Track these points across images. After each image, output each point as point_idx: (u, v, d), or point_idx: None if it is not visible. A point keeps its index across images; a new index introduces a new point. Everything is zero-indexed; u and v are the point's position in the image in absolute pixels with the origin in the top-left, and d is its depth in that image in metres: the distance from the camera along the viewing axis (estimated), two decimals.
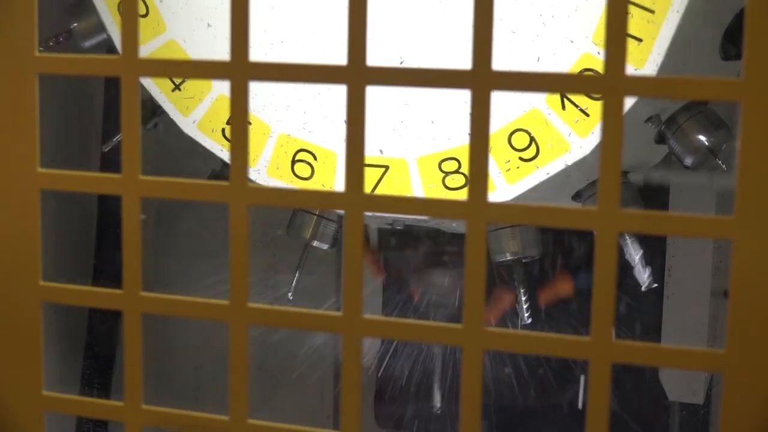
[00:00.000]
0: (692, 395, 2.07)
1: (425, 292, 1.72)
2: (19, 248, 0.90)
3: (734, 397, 0.75)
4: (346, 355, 0.81)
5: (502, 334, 0.78)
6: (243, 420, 0.84)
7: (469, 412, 0.79)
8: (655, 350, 0.77)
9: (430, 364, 1.83)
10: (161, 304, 0.86)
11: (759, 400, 0.75)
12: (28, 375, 0.92)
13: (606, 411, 0.76)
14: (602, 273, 0.76)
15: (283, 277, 2.59)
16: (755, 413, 0.75)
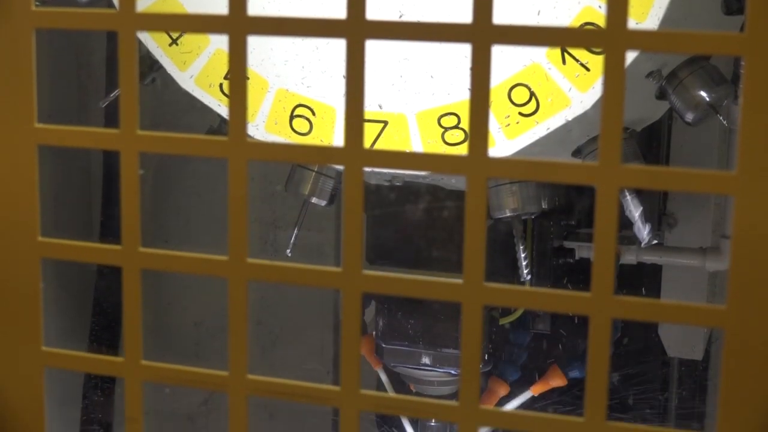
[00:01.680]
0: (691, 351, 2.07)
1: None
2: (18, 204, 0.90)
3: (735, 353, 0.75)
4: (346, 311, 0.81)
5: (501, 289, 0.78)
6: (242, 375, 0.84)
7: (469, 365, 0.79)
8: (656, 306, 0.77)
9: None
10: (160, 260, 0.86)
11: (760, 355, 0.75)
12: (28, 331, 0.92)
13: (606, 366, 0.76)
14: (603, 229, 0.75)
15: (282, 233, 2.59)
16: (756, 368, 0.75)
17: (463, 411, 0.79)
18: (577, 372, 1.88)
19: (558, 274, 1.87)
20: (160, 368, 0.87)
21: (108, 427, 2.68)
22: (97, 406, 2.67)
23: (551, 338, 1.94)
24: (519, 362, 1.89)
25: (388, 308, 1.70)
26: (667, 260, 1.93)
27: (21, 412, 0.94)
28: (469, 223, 0.78)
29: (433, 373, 1.73)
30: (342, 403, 0.82)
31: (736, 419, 0.76)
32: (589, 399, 0.77)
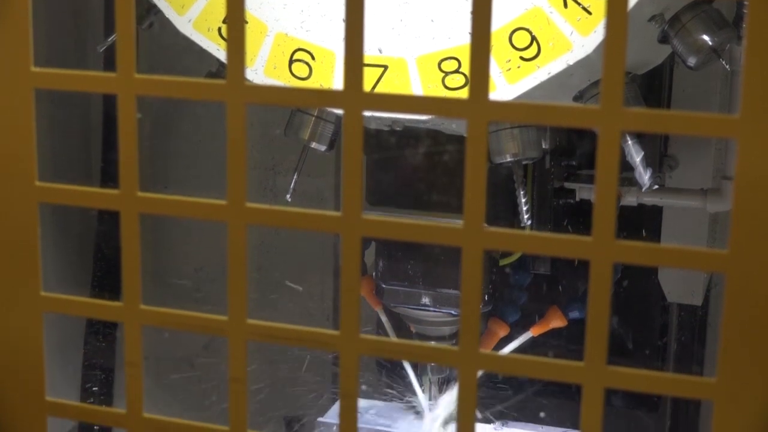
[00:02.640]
0: (691, 297, 2.07)
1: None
2: (15, 149, 0.89)
3: (736, 298, 0.75)
4: (345, 255, 0.81)
5: (502, 234, 0.78)
6: (242, 320, 0.84)
7: (469, 311, 0.79)
8: (657, 250, 0.76)
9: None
10: (159, 204, 0.86)
11: (761, 300, 0.74)
12: (26, 277, 0.91)
13: (607, 311, 0.76)
14: (604, 174, 0.75)
15: (282, 179, 2.59)
16: (757, 313, 0.75)
17: (462, 356, 0.79)
18: (577, 313, 1.88)
19: (558, 215, 1.87)
20: (159, 312, 0.87)
21: (109, 372, 2.69)
22: (99, 351, 2.68)
23: (551, 279, 1.94)
24: (519, 303, 1.89)
25: (388, 249, 1.70)
26: (667, 201, 1.93)
27: (20, 358, 0.94)
28: (470, 167, 0.77)
29: (433, 314, 1.73)
30: (341, 348, 0.82)
31: (736, 364, 0.76)
32: (589, 344, 0.77)
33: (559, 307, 1.88)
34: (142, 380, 0.90)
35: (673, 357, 2.45)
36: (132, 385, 0.90)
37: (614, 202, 0.75)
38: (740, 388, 0.76)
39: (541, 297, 1.95)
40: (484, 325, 1.86)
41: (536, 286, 1.94)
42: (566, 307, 1.88)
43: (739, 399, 0.76)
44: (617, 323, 2.31)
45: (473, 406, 0.81)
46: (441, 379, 1.86)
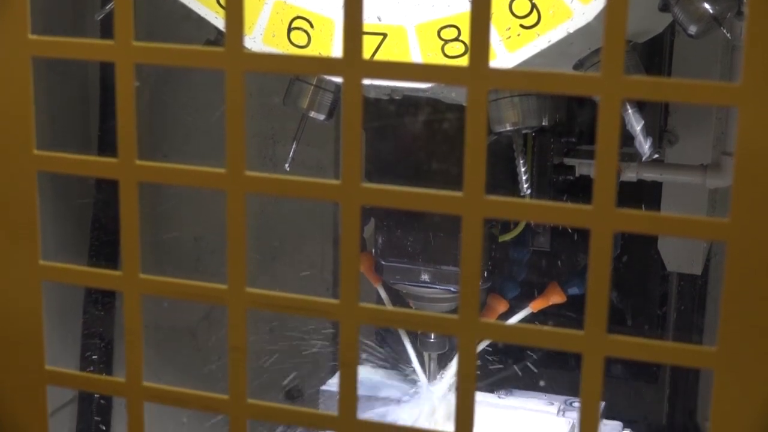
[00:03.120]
0: (691, 266, 2.07)
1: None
2: (12, 118, 0.89)
3: (737, 266, 0.75)
4: (345, 224, 0.80)
5: (502, 202, 0.77)
6: (241, 288, 0.84)
7: (469, 278, 0.79)
8: (658, 219, 0.76)
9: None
10: (157, 173, 0.85)
11: (762, 268, 0.74)
12: (25, 245, 0.91)
13: (607, 279, 0.76)
14: (605, 140, 0.74)
15: (281, 148, 2.58)
16: (757, 282, 0.75)
17: (462, 324, 0.79)
18: (576, 289, 1.88)
19: (558, 191, 1.86)
20: (158, 282, 0.87)
21: (109, 341, 2.70)
22: (98, 320, 2.69)
23: (551, 256, 1.94)
24: (518, 279, 1.89)
25: (388, 225, 1.70)
26: (667, 177, 1.93)
27: (19, 327, 0.94)
28: (470, 136, 0.77)
29: (432, 290, 1.73)
30: (341, 316, 0.82)
31: (737, 333, 0.76)
32: (589, 312, 0.77)
33: (558, 283, 1.88)
34: (141, 349, 0.90)
35: (673, 326, 2.45)
36: (131, 354, 0.90)
37: (615, 170, 0.74)
38: (741, 357, 0.76)
39: (540, 273, 1.95)
40: (483, 301, 1.86)
41: (535, 263, 1.94)
42: (565, 283, 1.88)
43: (739, 368, 0.76)
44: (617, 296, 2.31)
45: (473, 375, 0.81)
46: (440, 355, 1.87)
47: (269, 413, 0.88)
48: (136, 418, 0.91)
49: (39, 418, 0.96)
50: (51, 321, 2.53)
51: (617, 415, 1.87)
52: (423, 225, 1.68)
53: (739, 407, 0.77)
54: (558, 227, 1.89)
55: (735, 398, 0.77)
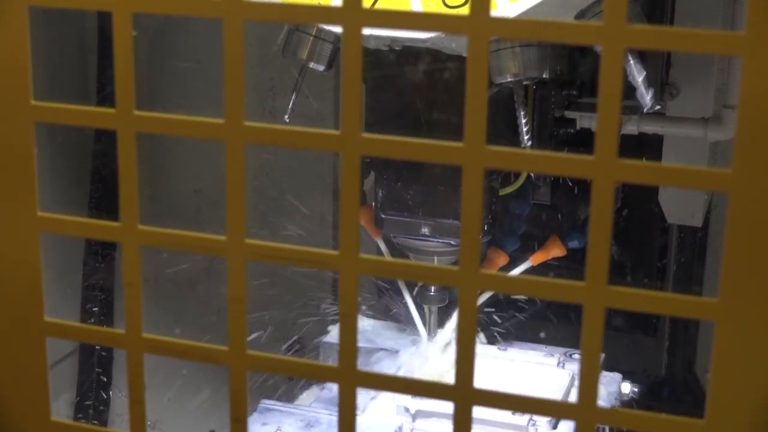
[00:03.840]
0: (691, 218, 2.07)
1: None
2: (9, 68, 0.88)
3: (739, 218, 0.74)
4: (345, 174, 0.80)
5: (503, 152, 0.77)
6: (240, 240, 0.84)
7: (470, 228, 0.78)
8: (660, 170, 0.75)
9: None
10: (155, 123, 0.85)
11: (763, 219, 0.74)
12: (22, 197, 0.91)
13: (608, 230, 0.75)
14: (607, 90, 0.74)
15: (281, 100, 2.57)
16: (759, 233, 0.74)
17: (463, 275, 0.79)
18: (577, 242, 1.88)
19: (559, 144, 1.85)
20: (156, 233, 0.86)
21: (109, 293, 2.70)
22: (98, 272, 2.69)
23: (551, 209, 1.93)
24: (518, 233, 1.89)
25: (388, 178, 1.69)
26: (668, 130, 1.92)
27: (18, 279, 0.93)
28: (471, 86, 0.76)
29: (432, 244, 1.72)
30: (341, 267, 0.82)
31: (738, 285, 0.75)
32: (590, 263, 0.76)
33: (558, 237, 1.87)
34: (141, 301, 0.89)
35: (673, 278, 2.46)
36: (131, 306, 0.89)
37: (617, 119, 0.74)
38: (742, 308, 0.75)
39: (540, 226, 1.95)
40: (483, 255, 1.85)
41: (536, 216, 1.94)
42: (566, 237, 1.87)
43: (740, 320, 0.75)
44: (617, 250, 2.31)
45: (473, 327, 0.81)
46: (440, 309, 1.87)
47: (269, 365, 0.88)
48: (136, 369, 0.91)
49: (39, 370, 0.96)
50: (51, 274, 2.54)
51: (616, 367, 1.88)
52: (423, 178, 1.67)
53: (739, 359, 0.76)
54: (558, 181, 1.89)
55: (736, 350, 0.77)
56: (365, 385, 0.86)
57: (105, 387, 2.73)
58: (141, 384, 0.92)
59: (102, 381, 2.72)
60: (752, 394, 0.77)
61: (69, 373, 2.71)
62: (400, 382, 0.87)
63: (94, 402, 2.72)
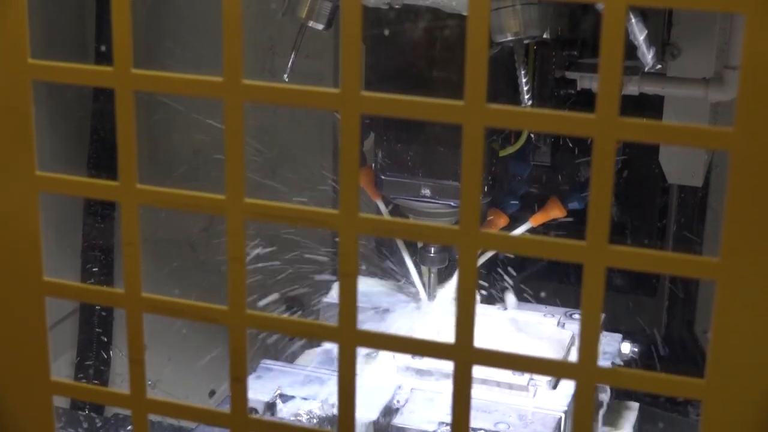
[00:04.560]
0: (691, 178, 2.06)
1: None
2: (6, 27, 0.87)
3: (740, 177, 0.74)
4: (344, 133, 0.79)
5: (503, 111, 0.76)
6: (240, 198, 0.83)
7: (470, 187, 0.78)
8: (662, 128, 0.75)
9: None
10: (154, 81, 0.84)
11: (765, 178, 0.73)
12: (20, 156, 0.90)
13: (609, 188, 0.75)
14: (609, 49, 0.73)
15: (280, 59, 2.56)
16: (761, 192, 0.74)
17: (463, 234, 0.78)
18: (577, 203, 1.87)
19: (559, 105, 1.84)
20: (155, 192, 0.86)
21: (108, 252, 2.70)
22: (97, 232, 2.69)
23: (551, 170, 1.93)
24: (518, 194, 1.88)
25: (387, 139, 1.68)
26: (669, 91, 1.91)
27: (17, 238, 0.93)
28: (471, 43, 0.75)
29: (432, 205, 1.72)
30: (340, 226, 0.81)
31: (739, 244, 0.75)
32: (591, 222, 0.76)
33: (558, 198, 1.87)
34: (139, 260, 0.89)
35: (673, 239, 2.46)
36: (130, 265, 0.89)
37: (619, 77, 0.73)
38: (743, 268, 0.75)
39: (540, 188, 1.94)
40: (483, 216, 1.85)
41: (536, 177, 1.93)
42: (566, 198, 1.87)
43: (741, 279, 0.75)
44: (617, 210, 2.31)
45: (473, 286, 0.81)
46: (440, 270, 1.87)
47: (268, 323, 0.88)
48: (136, 329, 0.91)
49: (39, 329, 0.96)
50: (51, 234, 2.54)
51: (616, 328, 1.88)
52: (423, 139, 1.66)
53: (740, 318, 0.76)
54: (559, 142, 1.88)
55: (736, 309, 0.76)
56: (365, 344, 0.85)
57: (105, 347, 2.73)
58: (140, 343, 0.92)
59: (102, 341, 2.73)
60: (753, 353, 0.77)
61: (70, 333, 2.72)
62: (401, 342, 0.87)
63: (94, 362, 2.73)
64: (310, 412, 1.56)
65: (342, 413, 0.87)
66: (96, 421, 2.46)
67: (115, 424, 2.42)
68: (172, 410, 0.94)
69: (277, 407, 1.57)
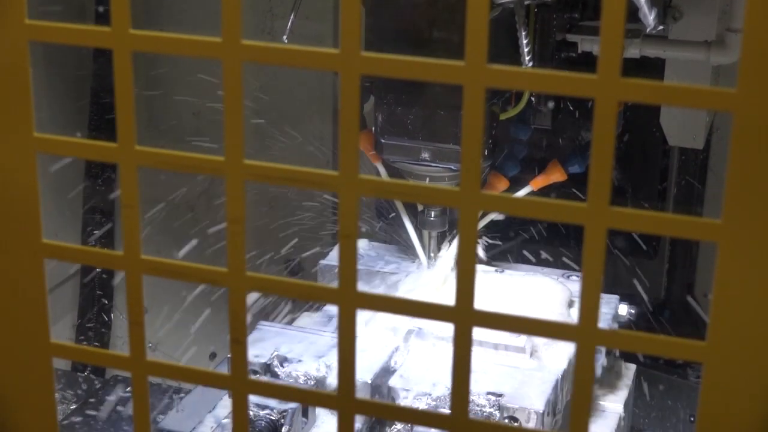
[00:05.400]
0: (692, 140, 2.06)
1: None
2: None
3: (743, 138, 0.73)
4: (344, 94, 0.79)
5: (504, 71, 0.76)
6: (239, 160, 0.83)
7: (471, 149, 0.77)
8: (664, 88, 0.74)
9: None
10: (152, 42, 0.83)
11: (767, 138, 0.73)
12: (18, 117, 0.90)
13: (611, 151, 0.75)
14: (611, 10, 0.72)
15: (280, 22, 2.54)
16: (763, 153, 0.74)
17: (464, 195, 0.78)
18: (577, 167, 1.87)
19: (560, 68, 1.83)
20: (154, 153, 0.86)
21: (109, 215, 2.70)
22: (98, 195, 2.68)
23: (552, 134, 1.92)
24: (519, 157, 1.88)
25: (387, 102, 1.68)
26: (670, 54, 1.90)
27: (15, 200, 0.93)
28: (472, 2, 0.75)
29: (432, 168, 1.71)
30: (340, 188, 0.81)
31: (742, 205, 0.75)
32: (592, 184, 0.76)
33: (559, 161, 1.86)
34: (138, 221, 0.89)
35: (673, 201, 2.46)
36: (129, 227, 0.89)
37: (621, 36, 0.72)
38: (745, 229, 0.75)
39: (541, 151, 1.94)
40: (483, 179, 1.84)
41: (537, 141, 1.92)
42: (566, 161, 1.86)
43: (744, 241, 0.75)
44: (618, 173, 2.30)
45: (474, 248, 0.80)
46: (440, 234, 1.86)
47: (268, 285, 0.88)
48: (135, 291, 0.91)
49: (38, 292, 0.95)
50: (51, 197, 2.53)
51: (615, 290, 1.88)
52: (424, 102, 1.66)
53: (742, 280, 0.76)
54: (559, 105, 1.87)
55: (738, 271, 0.76)
56: (365, 306, 0.85)
57: (106, 309, 2.74)
58: (140, 306, 0.91)
59: (103, 303, 2.73)
60: (755, 314, 0.76)
61: (71, 296, 2.72)
62: (401, 304, 0.87)
63: (95, 324, 2.73)
64: (307, 373, 1.56)
65: (341, 375, 0.87)
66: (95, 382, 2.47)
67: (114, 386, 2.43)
68: (172, 372, 0.94)
69: (275, 369, 1.58)
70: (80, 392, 2.45)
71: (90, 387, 2.46)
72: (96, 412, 2.30)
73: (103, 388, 2.42)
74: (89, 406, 2.34)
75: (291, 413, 1.45)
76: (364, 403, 1.01)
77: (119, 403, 2.28)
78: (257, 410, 1.46)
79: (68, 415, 2.33)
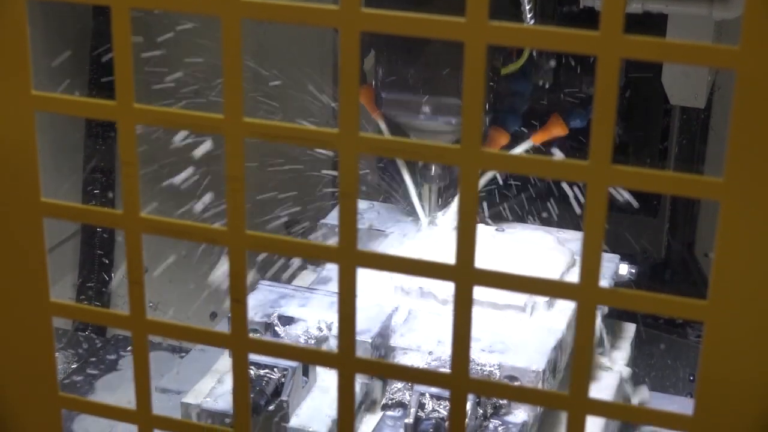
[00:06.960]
0: (694, 99, 2.05)
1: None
2: None
3: (745, 96, 0.73)
4: (344, 51, 0.78)
5: (506, 28, 0.75)
6: (238, 118, 0.82)
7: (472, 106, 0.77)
8: (667, 45, 0.74)
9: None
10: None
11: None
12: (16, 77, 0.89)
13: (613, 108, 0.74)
14: None
15: None
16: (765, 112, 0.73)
17: (464, 153, 0.78)
18: (578, 121, 1.86)
19: (561, 23, 1.82)
20: (152, 111, 0.85)
21: (110, 173, 2.69)
22: (98, 154, 2.68)
23: (553, 88, 1.91)
24: (520, 112, 1.87)
25: (388, 57, 1.66)
26: (672, 9, 1.88)
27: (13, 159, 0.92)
28: None
29: (433, 123, 1.70)
30: (340, 146, 0.80)
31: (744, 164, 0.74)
32: (594, 141, 0.75)
33: (560, 115, 1.85)
34: (138, 180, 0.88)
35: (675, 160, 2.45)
36: (128, 186, 0.88)
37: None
38: (747, 188, 0.74)
39: (542, 106, 1.93)
40: (484, 133, 1.84)
41: (538, 95, 1.91)
42: (567, 116, 1.85)
43: (745, 199, 0.75)
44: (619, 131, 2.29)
45: (474, 206, 0.80)
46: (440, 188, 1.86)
47: (268, 244, 0.88)
48: (135, 249, 0.91)
49: (37, 250, 0.95)
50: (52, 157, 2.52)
51: (616, 249, 1.88)
52: (424, 56, 1.64)
53: (744, 239, 0.76)
54: (561, 59, 1.86)
55: (740, 230, 0.76)
56: (365, 265, 0.85)
57: (106, 269, 2.74)
58: (140, 265, 0.91)
59: (103, 263, 2.73)
60: (756, 273, 0.76)
61: (71, 255, 2.72)
62: (401, 262, 0.86)
63: (95, 284, 2.73)
64: (307, 332, 1.56)
65: (342, 333, 0.87)
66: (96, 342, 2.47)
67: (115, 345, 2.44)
68: (172, 331, 0.94)
69: (275, 328, 1.57)
70: (81, 351, 2.46)
71: (91, 346, 2.47)
72: (97, 371, 2.31)
73: (104, 347, 2.43)
74: (90, 365, 2.35)
75: (291, 372, 1.45)
76: (365, 362, 1.02)
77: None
78: (257, 370, 1.45)
79: (69, 374, 2.34)
